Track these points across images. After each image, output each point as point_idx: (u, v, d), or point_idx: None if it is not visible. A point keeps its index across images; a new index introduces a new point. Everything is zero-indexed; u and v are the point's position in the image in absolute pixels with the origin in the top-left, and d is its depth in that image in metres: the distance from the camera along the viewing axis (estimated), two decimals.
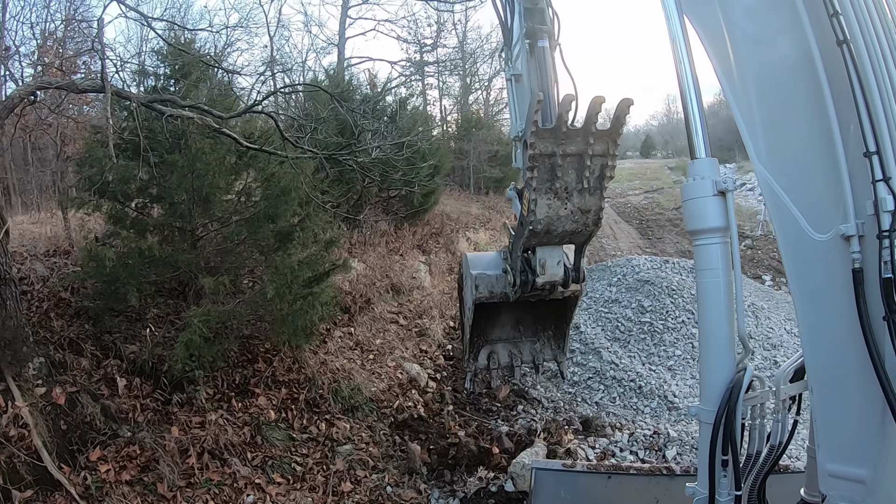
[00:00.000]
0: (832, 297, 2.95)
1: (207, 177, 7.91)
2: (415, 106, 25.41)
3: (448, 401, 10.11)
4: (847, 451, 2.95)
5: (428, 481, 7.83)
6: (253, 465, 7.63)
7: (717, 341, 3.35)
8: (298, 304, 8.09)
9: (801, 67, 3.04)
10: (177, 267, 8.24)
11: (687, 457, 7.26)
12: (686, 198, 3.47)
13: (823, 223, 2.97)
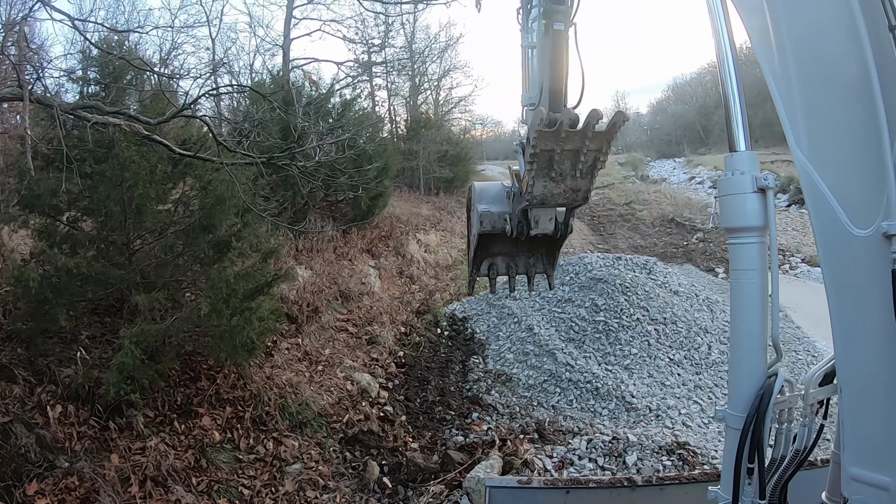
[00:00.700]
0: (868, 297, 2.81)
1: (138, 187, 7.48)
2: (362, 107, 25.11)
3: (400, 411, 9.83)
4: (873, 456, 2.85)
5: (381, 500, 7.54)
6: (198, 490, 7.24)
7: (749, 344, 3.20)
8: (236, 320, 7.72)
9: (846, 52, 2.86)
10: (110, 284, 7.80)
11: (648, 461, 7.10)
12: (723, 193, 3.28)
13: (864, 218, 2.80)
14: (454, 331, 14.03)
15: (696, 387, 10.81)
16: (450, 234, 25.43)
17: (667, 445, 7.33)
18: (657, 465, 6.99)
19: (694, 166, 54.45)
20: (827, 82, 2.96)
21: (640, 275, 14.49)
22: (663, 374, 10.88)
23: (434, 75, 44.27)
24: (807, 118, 3.01)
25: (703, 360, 11.89)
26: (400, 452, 8.42)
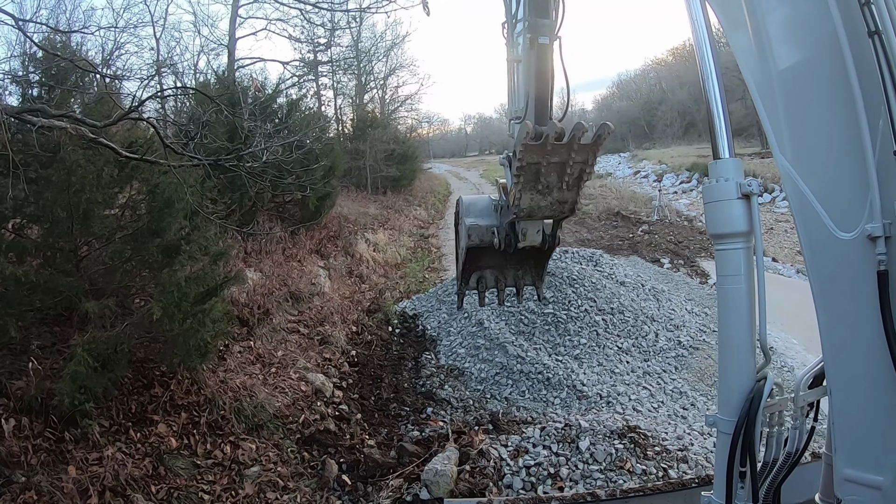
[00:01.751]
0: (855, 299, 2.89)
1: (85, 191, 7.38)
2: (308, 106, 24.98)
3: (355, 409, 9.90)
4: (864, 457, 2.91)
5: (342, 497, 7.61)
6: (158, 498, 7.20)
7: (737, 349, 3.25)
8: (188, 323, 7.68)
9: (828, 57, 2.93)
10: (58, 292, 7.66)
11: (600, 446, 7.27)
12: (708, 200, 3.33)
13: (848, 222, 2.88)
14: (405, 328, 14.13)
15: (645, 373, 11.09)
16: (398, 233, 25.49)
17: (618, 430, 7.52)
18: (609, 448, 7.17)
19: (639, 161, 55.44)
20: (809, 89, 3.03)
21: (586, 267, 14.78)
22: (612, 363, 11.13)
23: (380, 74, 44.34)
24: (790, 125, 3.09)
25: (650, 347, 12.21)
26: (357, 450, 8.47)
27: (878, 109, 2.72)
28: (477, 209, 7.72)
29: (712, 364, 11.94)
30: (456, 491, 6.82)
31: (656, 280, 16.56)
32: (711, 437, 8.69)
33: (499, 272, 9.07)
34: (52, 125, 7.24)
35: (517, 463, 7.22)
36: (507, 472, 7.11)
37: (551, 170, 6.67)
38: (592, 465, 7.05)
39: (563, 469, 7.02)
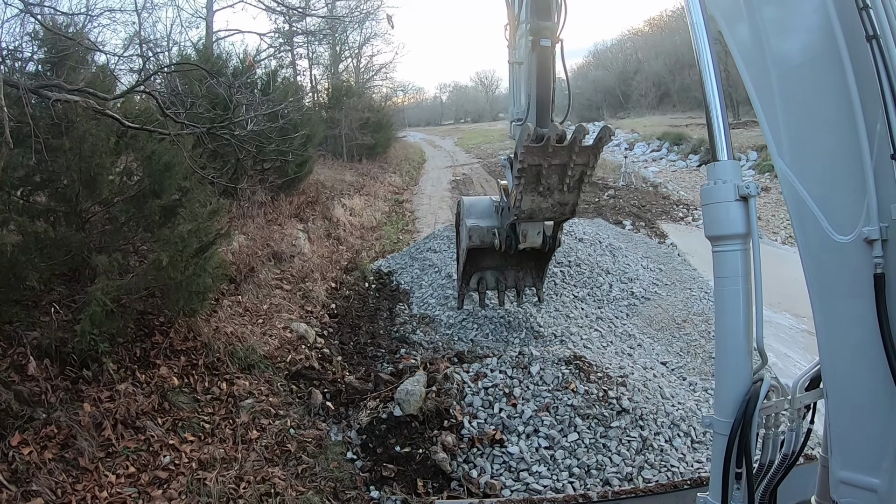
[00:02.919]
0: (852, 302, 2.90)
1: (94, 157, 8.28)
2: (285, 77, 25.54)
3: (336, 353, 10.95)
4: (860, 459, 2.92)
5: (326, 420, 8.70)
6: (165, 428, 8.18)
7: (734, 351, 3.24)
8: (191, 270, 8.67)
9: (827, 60, 2.92)
10: (69, 249, 8.54)
11: (549, 370, 8.35)
12: (706, 202, 3.33)
13: (845, 225, 2.89)
14: (381, 284, 15.12)
15: (598, 318, 12.22)
16: (373, 199, 26.33)
17: (565, 358, 8.54)
18: (556, 373, 8.23)
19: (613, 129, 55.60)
20: (807, 93, 3.06)
21: None
22: (568, 308, 12.24)
23: (355, 43, 44.52)
24: (788, 128, 3.12)
25: (604, 296, 13.37)
26: (339, 382, 9.55)
27: (875, 113, 2.74)
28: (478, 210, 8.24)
29: (661, 312, 13.13)
30: (425, 407, 7.95)
31: (615, 239, 17.66)
32: (653, 370, 9.89)
33: (499, 273, 9.61)
34: (66, 99, 8.11)
35: (477, 385, 8.32)
36: (469, 393, 8.24)
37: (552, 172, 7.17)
38: (542, 386, 8.17)
39: (517, 389, 8.15)
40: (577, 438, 7.54)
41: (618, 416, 7.83)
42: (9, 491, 6.67)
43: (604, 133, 7.32)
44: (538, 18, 6.70)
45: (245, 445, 8.10)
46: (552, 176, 7.19)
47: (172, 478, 7.49)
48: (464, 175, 35.02)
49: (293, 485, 7.26)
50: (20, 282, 8.20)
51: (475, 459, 7.45)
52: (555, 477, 7.12)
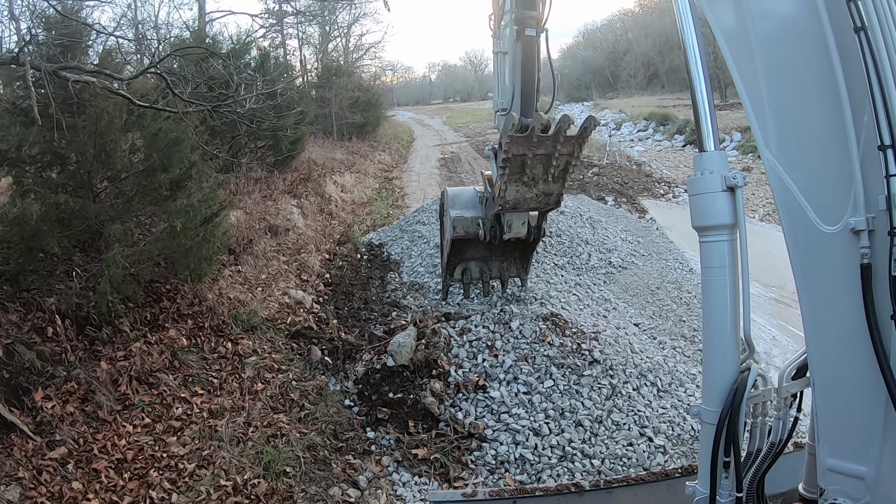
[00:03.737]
0: (838, 292, 2.91)
1: (109, 133, 8.96)
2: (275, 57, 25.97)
3: (332, 316, 11.73)
4: (848, 447, 2.95)
5: (325, 373, 9.50)
6: (176, 384, 8.98)
7: (721, 341, 3.27)
8: (201, 236, 9.41)
9: (815, 52, 2.92)
10: (85, 219, 9.25)
11: (528, 326, 9.17)
12: (693, 193, 3.33)
13: (832, 215, 2.90)
14: (372, 255, 15.84)
15: (577, 284, 13.04)
16: (364, 176, 26.97)
17: (542, 315, 9.34)
18: (534, 328, 9.01)
19: (600, 109, 55.15)
20: (794, 84, 3.06)
21: None
22: (548, 275, 13.03)
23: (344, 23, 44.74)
24: (775, 119, 3.11)
25: (583, 265, 14.20)
26: (335, 340, 10.35)
27: (863, 104, 2.74)
28: (462, 201, 8.47)
29: (637, 280, 13.97)
30: (415, 358, 8.79)
31: (596, 213, 18.48)
32: (625, 330, 10.72)
33: (483, 264, 9.82)
34: (83, 79, 8.76)
35: (462, 338, 9.14)
36: (455, 345, 9.08)
37: (537, 162, 7.33)
38: (521, 339, 8.99)
39: (498, 342, 8.98)
40: (552, 385, 8.40)
41: (590, 366, 8.67)
42: (34, 441, 7.44)
43: (588, 123, 7.49)
44: (523, 7, 6.78)
45: (251, 396, 8.89)
46: (537, 166, 7.37)
47: (185, 426, 8.28)
48: (452, 153, 35.60)
49: (297, 428, 8.06)
50: (40, 250, 8.94)
51: (461, 403, 8.31)
52: (532, 418, 7.97)
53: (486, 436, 7.85)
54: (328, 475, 7.40)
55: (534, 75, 7.25)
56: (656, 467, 7.47)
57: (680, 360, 9.93)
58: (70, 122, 8.87)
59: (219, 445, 7.74)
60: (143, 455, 7.67)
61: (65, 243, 9.15)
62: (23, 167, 9.36)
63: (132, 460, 7.56)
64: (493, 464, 7.54)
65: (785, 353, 10.28)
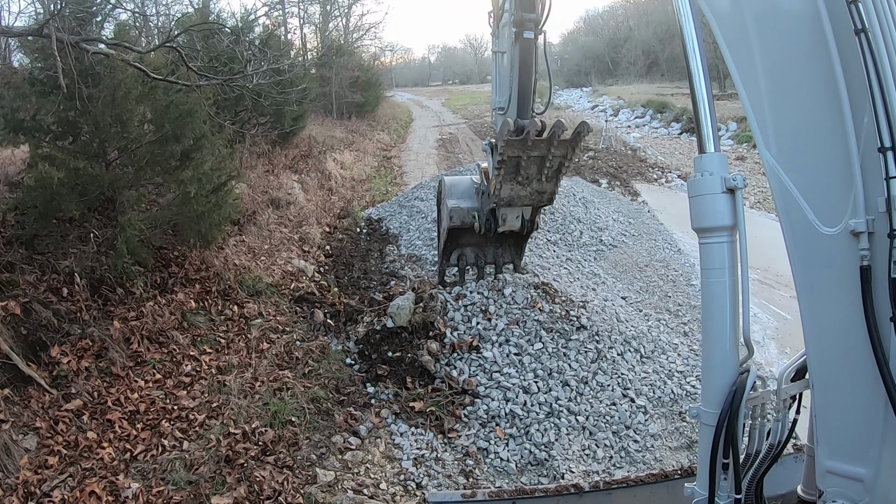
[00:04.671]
0: (838, 294, 2.91)
1: (126, 103, 9.41)
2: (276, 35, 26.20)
3: (333, 284, 12.24)
4: (846, 449, 2.95)
5: (327, 334, 10.03)
6: (186, 343, 9.52)
7: (721, 342, 3.26)
8: (213, 202, 9.89)
9: (815, 54, 2.92)
10: (100, 185, 9.68)
11: (520, 293, 9.71)
12: (693, 194, 3.32)
13: (832, 217, 2.90)
14: (371, 229, 16.29)
15: (568, 259, 13.56)
16: (363, 154, 27.38)
17: (534, 283, 9.88)
18: (526, 294, 9.55)
19: (599, 95, 55.39)
20: (794, 86, 3.06)
21: None
22: (541, 250, 13.53)
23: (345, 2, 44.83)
24: (775, 121, 3.11)
25: (575, 241, 14.75)
26: (337, 304, 10.89)
27: (863, 107, 2.74)
28: (459, 191, 8.78)
29: (626, 258, 14.50)
30: (413, 320, 9.35)
31: (589, 194, 18.96)
32: (612, 301, 11.25)
33: (479, 249, 10.01)
34: (103, 52, 9.18)
35: (458, 303, 9.68)
36: (451, 309, 9.62)
37: (531, 163, 7.58)
38: (513, 305, 9.52)
39: (492, 307, 9.51)
40: (541, 347, 8.95)
41: (577, 331, 9.22)
42: (51, 394, 7.96)
43: (582, 128, 7.60)
44: (521, 10, 6.87)
45: (258, 354, 9.42)
46: (531, 167, 7.57)
47: (195, 381, 8.81)
48: (450, 134, 35.96)
49: (301, 383, 8.60)
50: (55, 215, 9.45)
51: (455, 362, 8.88)
52: (522, 377, 8.53)
53: (479, 392, 8.40)
54: (331, 425, 7.95)
55: (531, 77, 7.40)
56: (637, 426, 8.05)
57: (663, 330, 10.46)
58: (86, 93, 9.23)
59: (227, 398, 8.26)
60: (154, 407, 8.20)
61: (81, 208, 9.60)
62: (39, 136, 9.76)
63: (144, 412, 8.08)
64: (484, 418, 8.09)
65: (764, 329, 10.80)
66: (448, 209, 8.43)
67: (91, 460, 7.18)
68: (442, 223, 8.53)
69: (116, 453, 7.34)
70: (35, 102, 9.57)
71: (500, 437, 7.86)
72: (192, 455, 7.25)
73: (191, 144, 10.44)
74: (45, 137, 9.80)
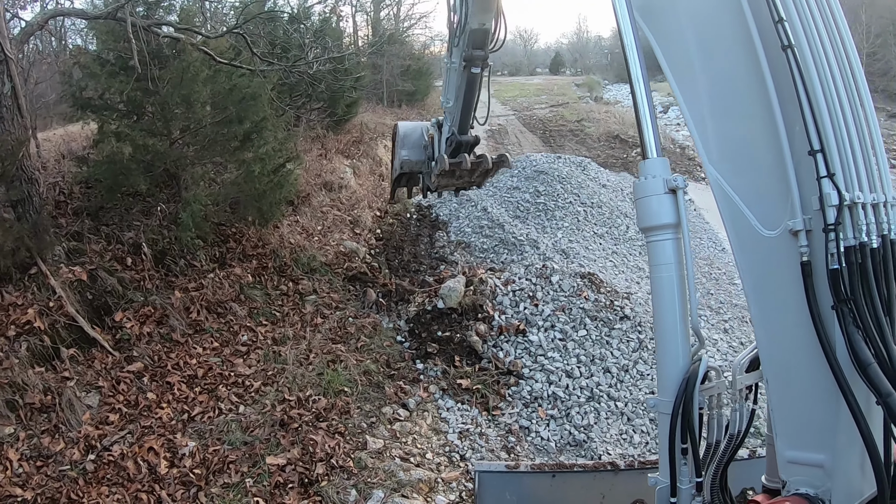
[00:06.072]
0: (783, 291, 3.03)
1: (194, 85, 9.87)
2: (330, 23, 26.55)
3: (384, 266, 12.63)
4: (804, 438, 3.05)
5: (379, 312, 10.43)
6: (243, 315, 9.97)
7: (671, 334, 3.36)
8: (275, 181, 10.32)
9: (750, 70, 3.10)
10: (165, 162, 10.18)
11: (566, 281, 9.99)
12: (638, 196, 3.49)
13: (772, 220, 3.05)
14: (421, 215, 16.61)
15: (613, 253, 13.80)
16: None
17: (580, 273, 10.17)
18: (572, 283, 9.84)
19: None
20: (733, 103, 3.24)
21: (575, 170, 17.45)
22: (587, 242, 13.80)
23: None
24: (717, 136, 3.28)
25: (621, 235, 14.94)
26: (388, 285, 11.27)
27: (794, 116, 2.92)
28: (410, 142, 9.11)
29: None
30: (463, 302, 9.70)
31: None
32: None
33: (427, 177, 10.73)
34: (173, 35, 9.64)
35: (507, 288, 10.00)
36: (499, 294, 9.94)
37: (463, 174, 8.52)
38: (560, 292, 9.82)
39: (539, 293, 9.82)
40: (585, 334, 9.24)
41: (620, 321, 9.47)
42: (113, 356, 8.47)
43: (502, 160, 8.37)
44: (472, 47, 7.20)
45: (312, 328, 9.84)
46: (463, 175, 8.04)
47: (251, 351, 9.25)
48: (499, 125, 35.93)
49: (354, 356, 8.99)
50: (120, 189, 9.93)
51: (502, 344, 9.21)
52: (565, 362, 8.84)
53: (524, 374, 8.74)
54: (381, 396, 8.35)
55: (473, 101, 7.66)
56: None
57: (704, 325, 10.64)
58: (153, 74, 9.65)
59: (282, 368, 8.67)
60: (212, 373, 8.68)
61: (148, 183, 10.08)
62: (107, 114, 10.22)
63: (202, 377, 8.56)
64: (527, 398, 8.43)
65: None
66: (400, 160, 8.88)
67: (150, 419, 7.65)
68: (395, 163, 9.01)
69: (174, 414, 7.81)
70: (104, 82, 10.02)
71: (541, 417, 8.18)
72: (248, 418, 7.67)
73: (252, 126, 10.84)
74: (112, 115, 10.23)
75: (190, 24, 10.51)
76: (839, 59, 3.08)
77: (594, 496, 5.58)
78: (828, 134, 2.85)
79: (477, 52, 7.25)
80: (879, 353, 2.74)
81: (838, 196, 2.79)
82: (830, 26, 3.13)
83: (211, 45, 10.66)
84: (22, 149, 8.56)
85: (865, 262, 2.82)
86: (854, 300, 2.79)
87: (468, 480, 7.04)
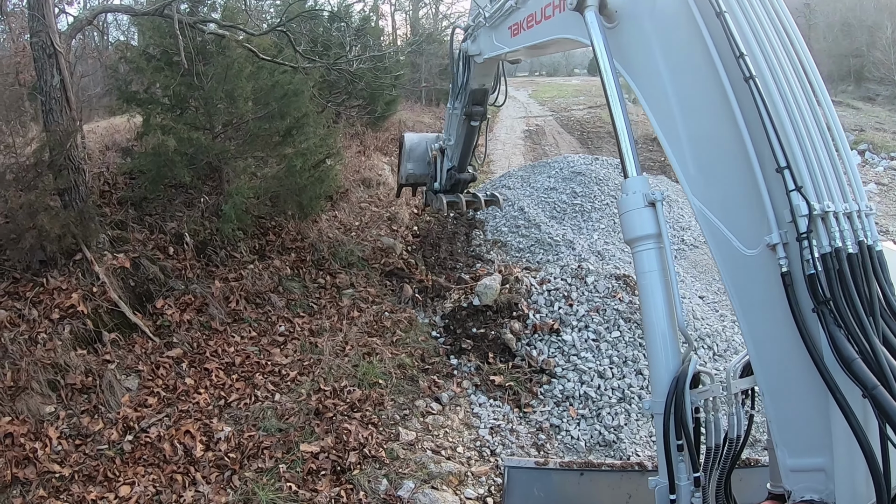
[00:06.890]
0: (769, 305, 3.15)
1: (238, 81, 10.10)
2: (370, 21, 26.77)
3: (420, 262, 12.77)
4: (803, 445, 3.13)
5: (415, 308, 10.56)
6: (281, 306, 10.19)
7: (660, 337, 3.51)
8: (316, 176, 10.51)
9: (720, 103, 3.31)
10: (208, 155, 10.43)
11: (601, 283, 10.02)
12: (622, 211, 3.67)
13: (752, 240, 3.22)
14: (458, 213, 16.69)
15: None
16: None
17: (615, 274, 10.19)
18: (607, 284, 9.88)
19: None
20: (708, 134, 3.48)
21: (612, 172, 17.38)
22: (623, 244, 13.72)
23: None
24: (696, 166, 3.49)
25: None
26: (425, 281, 11.41)
27: (762, 138, 3.13)
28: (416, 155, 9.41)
29: (707, 259, 14.49)
30: (499, 300, 9.81)
31: (674, 194, 18.94)
32: (689, 300, 11.43)
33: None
34: (218, 32, 9.87)
35: (542, 287, 10.07)
36: (535, 293, 10.00)
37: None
38: (594, 293, 9.86)
39: (574, 294, 9.87)
40: (619, 336, 9.27)
41: None
42: (154, 342, 8.73)
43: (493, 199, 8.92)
44: (472, 103, 7.62)
45: (348, 321, 9.99)
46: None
47: (288, 341, 9.43)
48: (537, 126, 35.81)
49: (389, 350, 9.11)
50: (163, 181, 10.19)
51: (536, 343, 9.28)
52: (598, 362, 8.88)
53: (556, 373, 8.80)
54: (415, 389, 8.48)
55: (472, 146, 8.21)
56: None
57: (737, 331, 10.54)
58: (201, 70, 9.98)
59: (318, 359, 8.83)
60: (249, 361, 8.88)
61: (191, 175, 10.33)
62: (152, 107, 10.51)
63: (240, 365, 8.77)
64: (559, 397, 8.48)
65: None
66: (405, 173, 9.08)
67: (188, 403, 7.89)
68: (400, 173, 9.22)
69: (212, 399, 8.03)
70: (150, 76, 10.31)
71: (572, 417, 8.23)
72: (283, 406, 7.85)
73: (294, 122, 11.04)
74: (157, 109, 10.52)
75: (233, 22, 10.74)
76: (800, 80, 3.31)
77: (621, 496, 5.67)
78: (794, 151, 3.05)
79: (476, 108, 7.68)
80: (863, 349, 2.83)
81: (808, 206, 2.96)
82: (790, 55, 3.36)
83: (254, 42, 10.88)
84: (70, 140, 8.86)
85: (843, 267, 2.95)
86: (833, 300, 2.91)
87: (497, 475, 7.13)
